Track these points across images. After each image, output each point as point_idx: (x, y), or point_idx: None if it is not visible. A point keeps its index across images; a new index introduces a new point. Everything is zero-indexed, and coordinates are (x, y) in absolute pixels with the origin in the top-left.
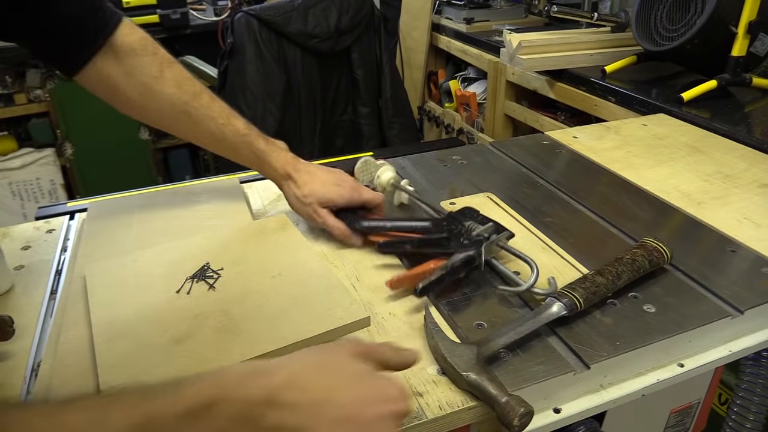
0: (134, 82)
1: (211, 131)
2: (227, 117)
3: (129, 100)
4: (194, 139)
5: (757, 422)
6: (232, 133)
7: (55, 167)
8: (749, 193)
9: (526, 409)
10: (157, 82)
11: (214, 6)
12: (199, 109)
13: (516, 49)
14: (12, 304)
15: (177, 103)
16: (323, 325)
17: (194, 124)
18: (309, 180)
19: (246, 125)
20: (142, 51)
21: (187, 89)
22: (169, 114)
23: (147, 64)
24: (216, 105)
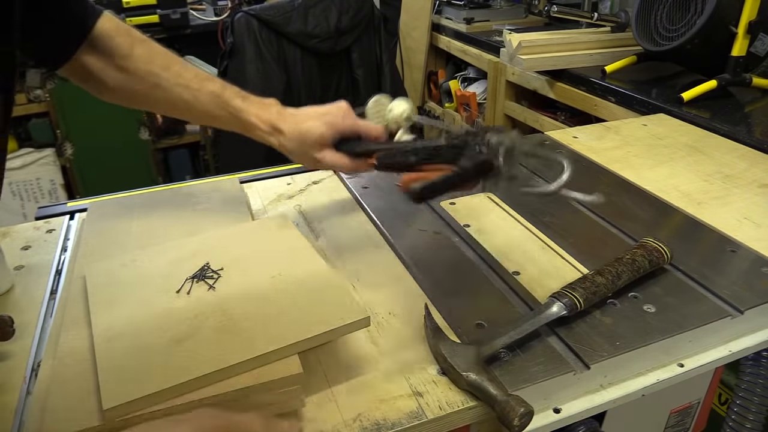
0: (108, 67)
1: (185, 100)
2: (200, 82)
3: (103, 85)
4: (172, 111)
5: (757, 422)
6: (207, 98)
7: (55, 167)
8: (749, 193)
9: (526, 409)
10: (127, 61)
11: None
12: (169, 80)
13: (516, 49)
14: (12, 304)
15: (148, 78)
16: (323, 325)
17: (167, 95)
18: (295, 124)
19: (222, 86)
20: (116, 33)
21: (158, 63)
22: (142, 91)
23: (119, 46)
24: (188, 72)
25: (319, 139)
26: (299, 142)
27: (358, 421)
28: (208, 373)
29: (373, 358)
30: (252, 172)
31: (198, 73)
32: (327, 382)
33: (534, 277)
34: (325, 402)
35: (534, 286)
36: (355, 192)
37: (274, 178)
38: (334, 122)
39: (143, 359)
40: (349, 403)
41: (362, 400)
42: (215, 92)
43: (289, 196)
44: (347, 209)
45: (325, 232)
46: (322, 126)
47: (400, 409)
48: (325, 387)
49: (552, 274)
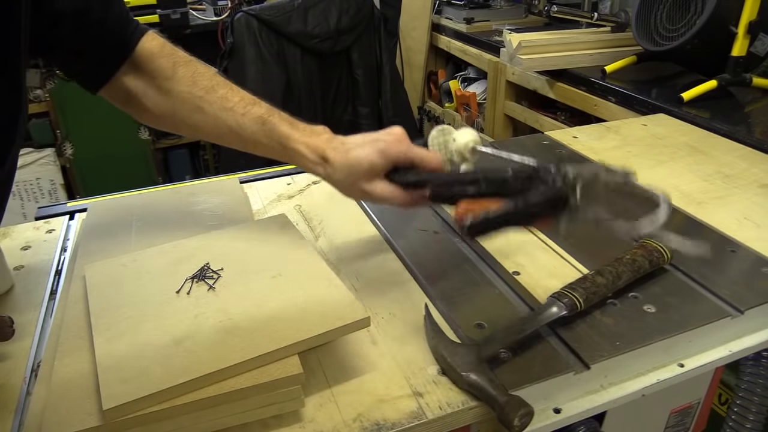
0: (150, 89)
1: (230, 126)
2: (245, 106)
3: (145, 109)
4: (216, 138)
5: (757, 422)
6: (251, 123)
7: (55, 167)
8: (749, 193)
9: (526, 409)
10: (170, 83)
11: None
12: (214, 104)
13: (516, 49)
14: (12, 304)
15: (191, 101)
16: (323, 325)
17: (211, 120)
18: (343, 155)
19: (269, 110)
20: (159, 53)
21: (202, 85)
22: (185, 115)
23: (161, 67)
24: (234, 95)
25: (369, 168)
26: (347, 172)
27: (358, 421)
28: (208, 373)
29: (373, 358)
30: (252, 172)
31: (244, 97)
32: (327, 382)
33: (534, 277)
34: (325, 402)
35: (534, 286)
36: None
37: (274, 178)
38: (385, 149)
39: (143, 359)
40: (349, 403)
41: (362, 400)
42: (262, 117)
43: (289, 196)
44: (347, 209)
45: (325, 232)
46: (373, 153)
47: (400, 410)
48: (325, 387)
49: (552, 274)
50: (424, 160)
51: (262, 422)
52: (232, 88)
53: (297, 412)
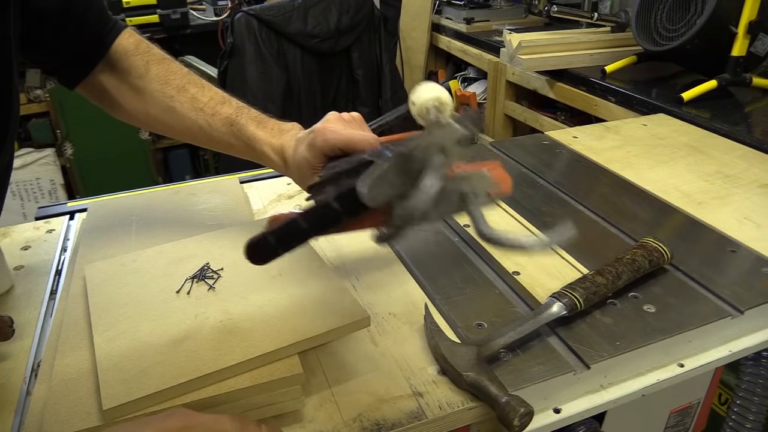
0: (123, 86)
1: (200, 126)
2: (214, 106)
3: (117, 105)
4: (188, 138)
5: (757, 422)
6: (221, 124)
7: (55, 167)
8: (749, 193)
9: (526, 409)
10: (143, 81)
11: (214, 6)
12: (184, 104)
13: (516, 49)
14: (12, 304)
15: (162, 100)
16: (323, 325)
17: (181, 120)
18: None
19: (237, 109)
20: (134, 51)
21: (174, 84)
22: (156, 114)
23: (135, 65)
24: (204, 95)
25: (305, 164)
26: (298, 172)
27: (358, 421)
28: (208, 373)
29: (373, 358)
30: (252, 172)
31: (214, 96)
32: (327, 382)
33: (534, 277)
34: (325, 402)
35: (534, 286)
36: None
37: (274, 178)
38: (313, 143)
39: (143, 359)
40: (349, 403)
41: (362, 400)
42: (230, 117)
43: (289, 196)
44: None
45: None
46: (305, 150)
47: (400, 409)
48: (325, 387)
49: (552, 274)
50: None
51: (262, 422)
52: (203, 86)
53: (297, 412)
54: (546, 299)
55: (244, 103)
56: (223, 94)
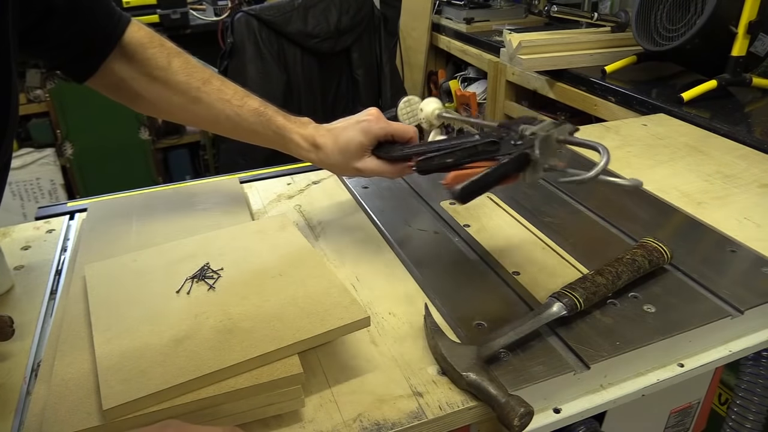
0: (143, 77)
1: (227, 115)
2: (241, 98)
3: (140, 97)
4: (211, 126)
5: (757, 422)
6: (249, 115)
7: (55, 167)
8: (749, 193)
9: (526, 409)
10: (166, 73)
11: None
12: (211, 94)
13: (516, 49)
14: (12, 304)
15: (188, 91)
16: (323, 325)
17: (209, 110)
18: (332, 139)
19: (262, 103)
20: (150, 44)
21: (197, 76)
22: (181, 104)
23: (155, 56)
24: (228, 88)
25: (358, 148)
26: (340, 154)
27: (358, 421)
28: (208, 373)
29: (373, 358)
30: (252, 172)
31: (237, 89)
32: (327, 382)
33: (534, 277)
34: (325, 402)
35: (534, 286)
36: (355, 192)
37: (274, 178)
38: (368, 129)
39: (143, 359)
40: (349, 403)
41: (362, 400)
42: (258, 110)
43: (289, 196)
44: (347, 209)
45: (325, 232)
46: (359, 135)
47: (400, 409)
48: (325, 387)
49: (552, 274)
50: (402, 134)
51: (262, 422)
52: (224, 80)
53: (297, 412)
54: (546, 299)
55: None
56: (243, 89)
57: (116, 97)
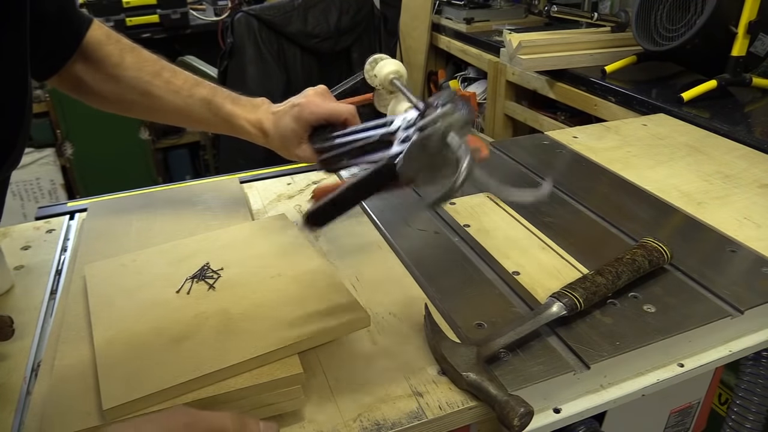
0: (99, 75)
1: (177, 106)
2: (190, 88)
3: (96, 95)
4: (164, 118)
5: (757, 422)
6: (198, 104)
7: (55, 167)
8: (749, 193)
9: (526, 409)
10: (119, 69)
11: (214, 6)
12: (160, 87)
13: (516, 49)
14: (12, 304)
15: (139, 85)
16: (323, 324)
17: (158, 102)
18: (274, 125)
19: (212, 90)
20: (106, 41)
21: (148, 69)
22: (134, 99)
23: (109, 54)
24: (178, 79)
25: (293, 135)
26: (280, 140)
27: (358, 421)
28: (208, 373)
29: (373, 358)
30: (252, 172)
31: (187, 79)
32: (327, 382)
33: (534, 277)
34: (325, 402)
35: (534, 286)
36: None
37: (274, 178)
38: (300, 115)
39: (143, 359)
40: (349, 403)
41: (362, 400)
42: (206, 98)
43: (289, 196)
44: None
45: (325, 232)
46: (292, 122)
47: (400, 409)
48: (325, 387)
49: (552, 274)
50: (336, 117)
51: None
52: (176, 71)
53: (297, 412)
54: (546, 299)
55: (215, 84)
56: (195, 77)
57: (77, 96)
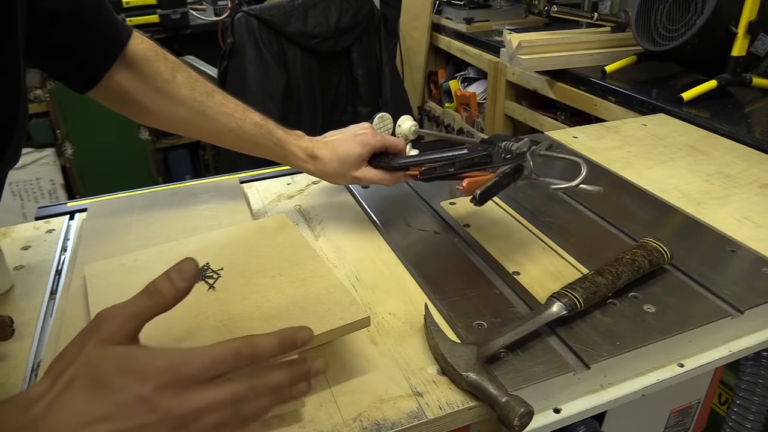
0: (148, 89)
1: (230, 128)
2: (243, 112)
3: (144, 109)
4: (214, 138)
5: (757, 422)
6: (251, 127)
7: (55, 167)
8: (749, 193)
9: (526, 409)
10: (171, 86)
11: (214, 6)
12: (214, 108)
13: (516, 49)
14: (12, 304)
15: (193, 105)
16: (323, 325)
17: (212, 123)
18: (331, 151)
19: (262, 117)
20: (154, 57)
21: (200, 90)
22: (186, 117)
23: (159, 70)
24: (230, 102)
25: (357, 158)
26: (339, 164)
27: (358, 421)
28: None
29: (373, 358)
30: (252, 172)
31: (237, 103)
32: (327, 382)
33: (534, 277)
34: (325, 402)
35: (534, 286)
36: (355, 192)
37: (274, 178)
38: (367, 141)
39: None
40: (349, 403)
41: (362, 400)
42: (259, 122)
43: (289, 196)
44: (347, 209)
45: (325, 232)
46: (358, 147)
47: (400, 409)
48: (325, 387)
49: (552, 274)
50: (395, 145)
51: (262, 422)
52: (225, 94)
53: (297, 412)
54: (546, 299)
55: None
56: (243, 104)
57: (119, 109)
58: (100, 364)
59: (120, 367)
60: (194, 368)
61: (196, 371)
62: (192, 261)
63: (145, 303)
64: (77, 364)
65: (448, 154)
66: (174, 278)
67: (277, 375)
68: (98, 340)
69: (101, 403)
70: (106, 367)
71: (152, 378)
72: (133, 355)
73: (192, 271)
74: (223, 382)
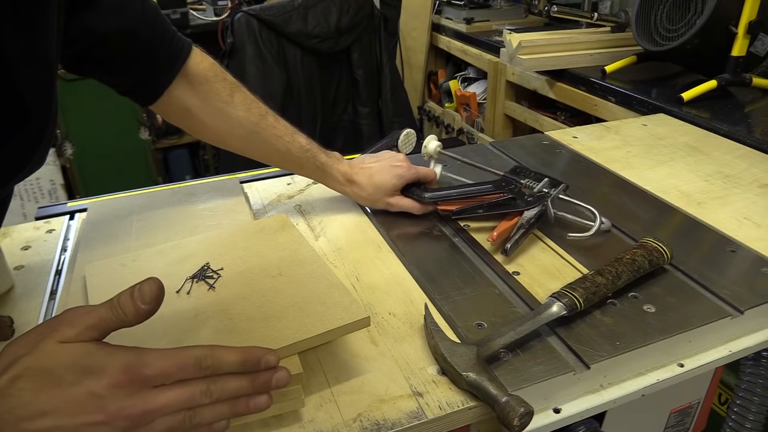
0: (208, 108)
1: (278, 150)
2: (291, 135)
3: (202, 125)
4: (262, 157)
5: (757, 422)
6: (297, 150)
7: (55, 167)
8: (749, 193)
9: (526, 409)
10: (228, 107)
11: (214, 6)
12: (267, 130)
13: (516, 49)
14: (12, 304)
15: (247, 125)
16: (323, 325)
17: (264, 144)
18: (368, 178)
19: (307, 141)
20: (214, 78)
21: (255, 111)
22: (241, 136)
23: (219, 90)
24: (280, 124)
25: (392, 188)
26: (374, 191)
27: (358, 421)
28: None
29: (373, 358)
30: (252, 172)
31: (286, 125)
32: (327, 382)
33: (534, 277)
34: (325, 402)
35: (534, 286)
36: None
37: (274, 178)
38: (402, 174)
39: None
40: (349, 403)
41: (362, 400)
42: (305, 146)
43: (289, 196)
44: (347, 209)
45: (325, 232)
46: (394, 179)
47: (400, 409)
48: (325, 387)
49: (552, 274)
50: (426, 177)
51: (262, 422)
52: (276, 116)
53: (297, 412)
54: (546, 299)
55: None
56: (291, 125)
57: (181, 124)
58: (54, 358)
59: (75, 362)
60: (152, 370)
61: (154, 374)
62: (156, 283)
63: (108, 316)
64: (31, 356)
65: (473, 189)
66: (136, 299)
67: (235, 382)
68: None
69: (49, 397)
70: (61, 361)
71: (108, 376)
72: (90, 352)
73: (154, 295)
74: (177, 385)
